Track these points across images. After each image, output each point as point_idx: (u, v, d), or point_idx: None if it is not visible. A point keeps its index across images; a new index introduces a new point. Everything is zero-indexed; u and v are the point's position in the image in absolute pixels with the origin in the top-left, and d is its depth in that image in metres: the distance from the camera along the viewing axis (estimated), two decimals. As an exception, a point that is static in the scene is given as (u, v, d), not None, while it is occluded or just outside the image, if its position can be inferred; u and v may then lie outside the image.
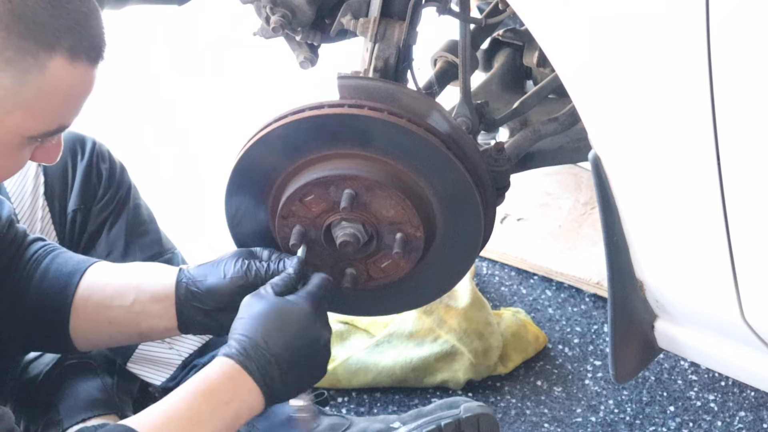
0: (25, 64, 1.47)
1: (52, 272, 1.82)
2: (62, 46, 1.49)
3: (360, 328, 2.36)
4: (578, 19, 1.51)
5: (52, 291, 1.80)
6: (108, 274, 1.83)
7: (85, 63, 1.52)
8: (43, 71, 1.48)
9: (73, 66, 1.50)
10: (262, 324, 1.64)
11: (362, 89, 1.75)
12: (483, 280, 2.56)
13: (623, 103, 1.54)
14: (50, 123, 1.55)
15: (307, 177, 1.75)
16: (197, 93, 3.29)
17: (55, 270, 1.82)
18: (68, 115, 1.57)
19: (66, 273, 1.81)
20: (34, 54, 1.47)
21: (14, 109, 1.50)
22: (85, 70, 1.52)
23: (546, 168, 2.42)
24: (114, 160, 2.12)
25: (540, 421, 2.24)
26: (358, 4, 1.87)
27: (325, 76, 2.08)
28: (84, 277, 1.81)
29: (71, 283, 1.80)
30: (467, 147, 1.76)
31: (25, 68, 1.47)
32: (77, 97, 1.55)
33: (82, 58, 1.51)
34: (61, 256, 1.84)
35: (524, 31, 2.34)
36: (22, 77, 1.48)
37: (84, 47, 1.51)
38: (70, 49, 1.49)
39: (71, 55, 1.50)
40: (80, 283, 1.80)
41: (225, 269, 1.76)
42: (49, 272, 1.82)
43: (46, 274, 1.82)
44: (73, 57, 1.50)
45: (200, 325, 1.80)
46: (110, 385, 2.12)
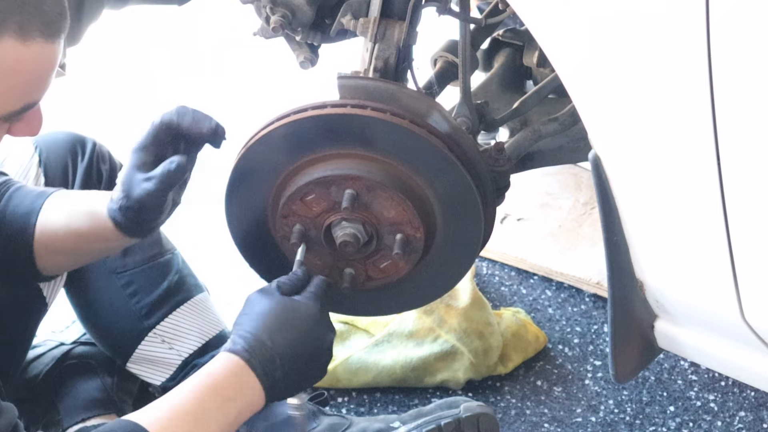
0: None
1: (9, 214, 1.84)
2: (9, 29, 1.43)
3: (360, 328, 2.36)
4: (578, 19, 1.51)
5: (12, 232, 1.84)
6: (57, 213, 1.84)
7: (39, 41, 1.46)
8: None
9: (26, 46, 1.45)
10: (268, 322, 1.65)
11: (362, 89, 1.75)
12: (483, 280, 2.56)
13: (623, 103, 1.54)
14: (13, 103, 1.51)
15: (309, 176, 1.75)
16: (197, 93, 3.29)
17: (12, 212, 1.85)
18: (32, 93, 1.53)
19: (21, 215, 1.84)
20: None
21: None
22: (41, 47, 1.47)
23: (546, 168, 2.42)
24: (114, 161, 2.12)
25: (540, 421, 2.24)
26: (358, 4, 1.87)
27: (325, 76, 2.08)
28: (38, 221, 1.84)
29: (28, 225, 1.84)
30: (467, 147, 1.76)
31: None
32: (38, 75, 1.51)
33: (34, 36, 1.46)
34: (15, 194, 1.87)
35: (524, 31, 2.34)
36: None
37: (36, 24, 1.46)
38: (19, 30, 1.44)
39: (21, 35, 1.44)
40: (36, 227, 1.83)
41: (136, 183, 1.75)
42: (6, 214, 1.84)
43: (3, 215, 1.84)
44: (23, 37, 1.45)
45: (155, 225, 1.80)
46: (110, 385, 2.13)
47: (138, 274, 2.07)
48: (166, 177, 1.71)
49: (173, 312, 2.09)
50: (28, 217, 1.84)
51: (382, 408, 2.28)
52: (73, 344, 2.18)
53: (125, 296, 2.08)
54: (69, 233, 1.83)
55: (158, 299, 2.08)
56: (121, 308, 2.08)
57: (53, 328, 2.23)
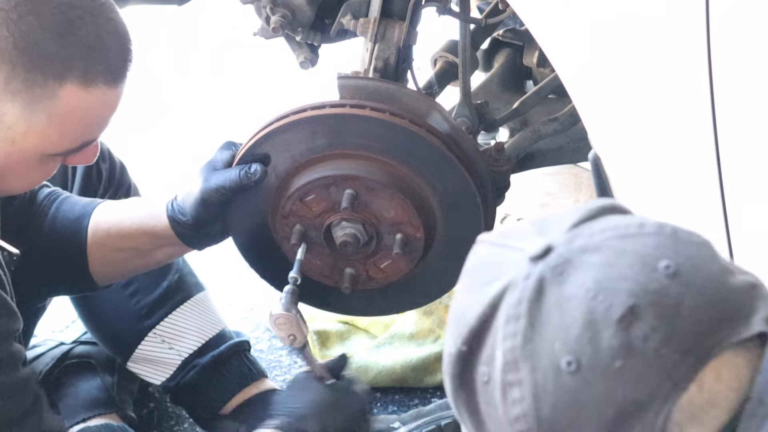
0: (33, 94, 1.46)
1: (60, 220, 1.84)
2: (73, 75, 1.47)
3: (360, 328, 2.36)
4: (578, 19, 1.52)
5: (65, 239, 1.84)
6: (109, 218, 1.85)
7: (102, 86, 1.50)
8: (54, 99, 1.47)
9: (88, 91, 1.49)
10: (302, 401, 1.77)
11: (362, 89, 1.75)
12: (483, 280, 2.56)
13: (623, 103, 1.54)
14: (70, 143, 1.54)
15: (308, 177, 1.75)
16: (197, 93, 3.29)
17: (63, 218, 1.85)
18: (91, 133, 1.56)
19: (74, 219, 1.85)
20: (42, 84, 1.46)
21: (28, 133, 1.49)
22: (103, 92, 1.51)
23: (546, 168, 2.42)
24: (114, 159, 2.12)
25: (540, 421, 2.24)
26: (358, 4, 1.87)
27: (326, 76, 2.08)
28: (90, 222, 1.84)
29: (81, 228, 1.84)
30: (467, 147, 1.76)
31: (33, 98, 1.46)
32: (98, 117, 1.54)
33: (97, 82, 1.49)
34: (65, 201, 1.87)
35: (524, 31, 2.34)
36: (31, 106, 1.47)
37: (99, 71, 1.49)
38: (82, 76, 1.47)
39: (84, 82, 1.48)
40: (89, 228, 1.84)
41: None
42: (57, 220, 1.84)
43: (54, 221, 1.84)
44: (86, 83, 1.48)
45: (205, 240, 1.82)
46: (110, 384, 2.12)
47: (138, 274, 2.07)
48: (238, 177, 1.73)
49: (173, 312, 2.09)
50: (80, 221, 1.85)
51: (382, 408, 2.28)
52: (73, 344, 2.18)
53: (125, 296, 2.08)
54: (122, 230, 1.83)
55: (158, 299, 2.08)
56: (121, 308, 2.08)
57: (53, 327, 2.23)
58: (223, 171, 1.75)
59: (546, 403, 1.03)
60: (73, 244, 1.84)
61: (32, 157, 1.53)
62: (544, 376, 1.03)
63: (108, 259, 1.86)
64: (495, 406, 1.07)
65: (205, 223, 1.78)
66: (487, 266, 1.11)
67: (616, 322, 1.01)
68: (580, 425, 1.03)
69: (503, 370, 1.05)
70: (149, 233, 1.82)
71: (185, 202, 1.77)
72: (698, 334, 1.02)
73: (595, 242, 1.06)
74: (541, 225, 1.11)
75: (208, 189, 1.74)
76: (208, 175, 1.76)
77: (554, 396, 1.03)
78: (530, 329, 1.04)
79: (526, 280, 1.05)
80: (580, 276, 1.04)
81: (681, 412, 1.03)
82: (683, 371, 1.02)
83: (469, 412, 1.10)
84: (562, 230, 1.08)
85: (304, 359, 1.82)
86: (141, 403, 2.23)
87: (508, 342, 1.05)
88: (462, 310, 1.10)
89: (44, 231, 1.84)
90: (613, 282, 1.03)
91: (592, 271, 1.04)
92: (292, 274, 1.76)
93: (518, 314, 1.05)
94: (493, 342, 1.06)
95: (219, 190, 1.74)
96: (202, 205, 1.75)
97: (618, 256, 1.04)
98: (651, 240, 1.06)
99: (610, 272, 1.03)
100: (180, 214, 1.77)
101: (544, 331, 1.04)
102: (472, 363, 1.08)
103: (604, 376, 1.02)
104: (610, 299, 1.02)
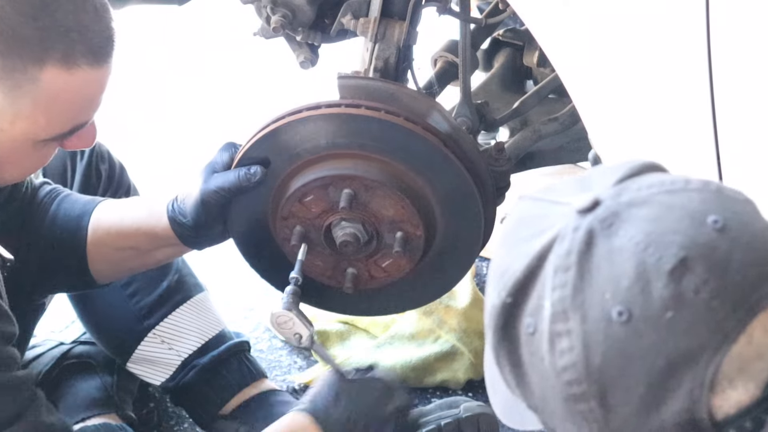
0: (14, 80, 1.45)
1: (60, 218, 1.84)
2: (53, 57, 1.45)
3: (360, 328, 2.36)
4: (578, 19, 1.52)
5: (65, 237, 1.84)
6: (110, 216, 1.85)
7: (85, 67, 1.48)
8: (36, 83, 1.46)
9: (70, 73, 1.47)
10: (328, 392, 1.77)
11: (362, 89, 1.74)
12: (483, 280, 2.56)
13: (623, 103, 1.54)
14: (61, 126, 1.53)
15: (306, 177, 1.74)
16: (197, 93, 3.29)
17: (63, 216, 1.85)
18: (81, 115, 1.54)
19: (74, 217, 1.84)
20: (22, 70, 1.44)
21: (15, 120, 1.49)
22: (87, 74, 1.49)
23: (546, 168, 2.41)
24: (114, 160, 2.12)
25: (540, 421, 2.24)
26: (358, 4, 1.87)
27: (326, 76, 2.08)
28: (91, 220, 1.84)
29: (81, 226, 1.84)
30: (467, 147, 1.76)
31: (14, 84, 1.45)
32: (85, 99, 1.53)
33: (80, 63, 1.47)
34: (66, 199, 1.87)
35: (524, 31, 2.34)
36: (14, 92, 1.46)
37: (80, 52, 1.47)
38: (62, 59, 1.46)
39: (65, 64, 1.46)
40: (89, 227, 1.83)
41: None
42: (58, 218, 1.84)
43: (55, 219, 1.84)
44: (68, 65, 1.46)
45: (205, 241, 1.82)
46: (110, 384, 2.12)
47: (137, 274, 2.07)
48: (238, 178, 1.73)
49: (173, 312, 2.09)
50: (81, 219, 1.85)
51: (382, 408, 2.28)
52: (73, 344, 2.18)
53: (125, 297, 2.08)
54: (122, 229, 1.83)
55: (158, 299, 2.08)
56: (121, 309, 2.08)
57: (53, 327, 2.23)
58: (222, 173, 1.75)
59: (596, 352, 1.04)
60: (73, 242, 1.84)
61: (24, 144, 1.52)
62: (594, 325, 1.04)
63: (108, 257, 1.86)
64: (541, 357, 1.07)
65: (204, 225, 1.78)
66: (532, 220, 1.12)
67: (667, 273, 1.02)
68: (629, 375, 1.04)
69: (551, 320, 1.06)
70: (149, 233, 1.82)
71: (185, 204, 1.77)
72: (747, 288, 1.04)
73: (642, 197, 1.07)
74: (584, 181, 1.12)
75: (207, 190, 1.74)
76: (207, 177, 1.76)
77: (604, 345, 1.04)
78: (580, 279, 1.05)
79: (575, 232, 1.06)
80: (629, 229, 1.05)
81: (730, 364, 1.04)
82: (733, 323, 1.03)
83: (511, 365, 1.11)
84: (608, 185, 1.09)
85: (318, 355, 1.83)
86: (141, 403, 2.23)
87: (557, 292, 1.06)
88: (506, 264, 1.11)
89: (45, 228, 1.84)
90: (662, 235, 1.04)
91: (641, 224, 1.05)
92: (294, 275, 1.76)
93: (567, 265, 1.06)
94: (540, 293, 1.07)
95: (218, 192, 1.74)
96: (201, 207, 1.75)
97: (666, 210, 1.06)
98: (697, 195, 1.07)
99: (660, 226, 1.04)
100: (180, 215, 1.77)
101: (595, 281, 1.05)
102: (516, 315, 1.09)
103: (655, 327, 1.03)
104: (660, 251, 1.03)
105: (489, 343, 1.12)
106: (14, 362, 1.53)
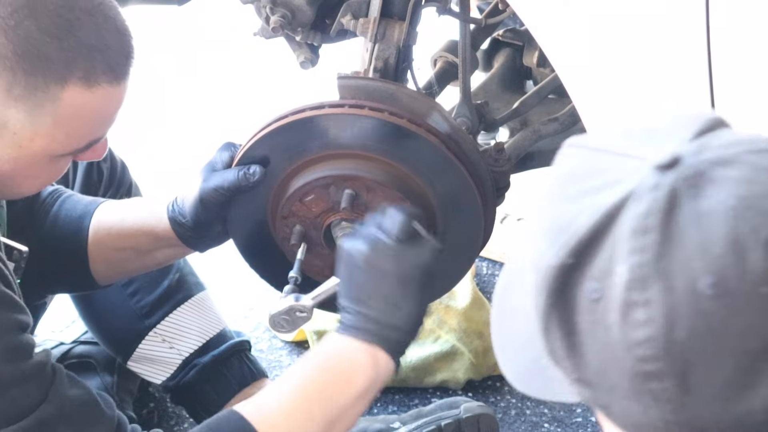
0: (36, 99, 1.45)
1: (62, 218, 1.85)
2: (75, 76, 1.46)
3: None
4: (578, 19, 1.52)
5: (66, 237, 1.84)
6: (111, 217, 1.85)
7: (105, 85, 1.49)
8: (57, 102, 1.46)
9: (91, 91, 1.48)
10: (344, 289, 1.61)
11: (362, 89, 1.75)
12: (483, 280, 2.56)
13: (623, 104, 1.55)
14: (77, 142, 1.53)
15: (308, 177, 1.75)
16: (197, 93, 3.29)
17: (65, 216, 1.85)
18: (97, 131, 1.55)
19: (76, 218, 1.85)
20: (44, 89, 1.45)
21: (35, 137, 1.48)
22: (107, 91, 1.49)
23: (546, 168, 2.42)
24: (115, 158, 2.13)
25: (540, 421, 2.24)
26: (358, 4, 1.87)
27: (326, 76, 2.08)
28: (92, 221, 1.85)
29: (82, 227, 1.84)
30: (467, 147, 1.76)
31: (36, 103, 1.45)
32: (103, 115, 1.53)
33: (100, 81, 1.48)
34: (68, 200, 1.88)
35: (524, 31, 2.34)
36: (35, 110, 1.46)
37: (101, 70, 1.48)
38: (84, 77, 1.46)
39: (87, 82, 1.47)
40: (90, 227, 1.84)
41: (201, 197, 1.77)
42: (59, 218, 1.85)
43: (56, 220, 1.85)
44: (89, 83, 1.47)
45: (206, 241, 1.82)
46: (110, 384, 2.13)
47: (138, 273, 2.07)
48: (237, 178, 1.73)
49: (174, 311, 2.10)
50: (82, 220, 1.85)
51: (382, 408, 2.28)
52: (73, 343, 2.18)
53: (125, 296, 2.08)
54: (123, 230, 1.83)
55: (159, 298, 2.09)
56: (122, 308, 2.08)
57: (53, 327, 2.23)
58: (221, 172, 1.75)
59: (680, 327, 0.93)
60: (74, 243, 1.84)
61: (41, 159, 1.52)
62: (679, 297, 0.93)
63: (109, 258, 1.86)
64: (606, 326, 0.96)
65: (204, 224, 1.78)
66: (593, 173, 1.00)
67: (764, 243, 0.92)
68: (717, 355, 0.94)
69: (627, 288, 0.94)
70: (150, 234, 1.82)
71: (185, 203, 1.77)
72: None
73: (728, 155, 0.96)
74: (650, 132, 1.01)
75: (206, 190, 1.75)
76: (207, 176, 1.76)
77: (690, 320, 0.93)
78: (663, 245, 0.94)
79: (654, 191, 0.94)
80: (718, 191, 0.94)
81: None
82: None
83: (563, 332, 1.00)
84: (684, 139, 0.97)
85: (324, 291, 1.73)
86: (141, 403, 2.23)
87: (635, 257, 0.94)
88: (564, 219, 0.99)
89: (46, 229, 1.85)
90: (758, 200, 0.94)
91: (732, 187, 0.94)
92: (292, 274, 1.76)
93: (647, 227, 0.94)
94: (610, 256, 0.95)
95: (217, 191, 1.74)
96: (200, 206, 1.76)
97: (757, 172, 0.95)
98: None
99: (753, 189, 0.94)
100: (180, 215, 1.78)
101: (680, 248, 0.94)
102: (577, 278, 0.97)
103: (750, 302, 0.93)
104: (757, 219, 0.93)
105: (538, 307, 1.00)
106: (32, 348, 1.53)
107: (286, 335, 2.39)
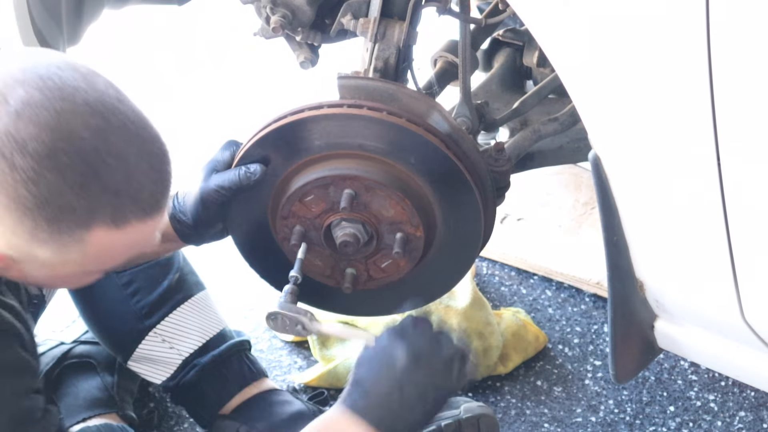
0: (62, 240, 1.42)
1: None
2: (100, 221, 1.41)
3: (360, 328, 2.36)
4: (578, 19, 1.52)
5: None
6: None
7: (134, 222, 1.44)
8: (83, 242, 1.42)
9: (120, 229, 1.43)
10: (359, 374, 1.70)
11: (362, 89, 1.75)
12: (483, 280, 2.56)
13: (623, 103, 1.54)
14: (110, 265, 1.52)
15: (307, 177, 1.75)
16: (197, 92, 3.29)
17: None
18: (133, 253, 1.52)
19: None
20: (68, 233, 1.41)
21: (66, 264, 1.46)
22: (136, 226, 1.45)
23: (546, 168, 2.42)
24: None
25: (540, 421, 2.24)
26: (358, 4, 1.87)
27: (325, 76, 2.08)
28: None
29: None
30: (467, 147, 1.76)
31: (62, 244, 1.42)
32: (137, 244, 1.49)
33: (129, 219, 1.43)
34: None
35: (524, 31, 2.34)
36: (62, 249, 1.43)
37: (131, 210, 1.43)
38: (111, 220, 1.42)
39: (114, 223, 1.42)
40: None
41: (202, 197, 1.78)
42: None
43: None
44: (116, 224, 1.42)
45: (205, 239, 1.84)
46: (111, 384, 2.13)
47: (138, 272, 2.07)
48: (238, 177, 1.73)
49: (174, 311, 2.10)
50: None
51: (382, 408, 2.28)
52: (73, 343, 2.18)
53: (126, 295, 2.08)
54: None
55: (159, 298, 2.09)
56: (122, 308, 2.08)
57: (53, 327, 2.23)
58: (222, 171, 1.76)
59: None
60: None
61: (76, 273, 1.51)
62: None
63: None
64: None
65: (204, 223, 1.78)
66: None
67: None
68: None
69: None
70: None
71: (185, 201, 1.78)
72: None
73: None
74: None
75: (207, 189, 1.75)
76: (207, 175, 1.76)
77: None
78: None
79: None
80: None
81: None
82: None
83: None
84: None
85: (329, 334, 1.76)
86: (141, 403, 2.23)
87: None
88: None
89: None
90: None
91: None
92: (293, 273, 1.76)
93: None
94: None
95: (218, 191, 1.74)
96: (201, 205, 1.76)
97: None
98: None
99: None
100: (180, 213, 1.78)
101: None
102: None
103: None
104: None
105: None
106: (39, 411, 1.56)
107: (285, 335, 2.39)
